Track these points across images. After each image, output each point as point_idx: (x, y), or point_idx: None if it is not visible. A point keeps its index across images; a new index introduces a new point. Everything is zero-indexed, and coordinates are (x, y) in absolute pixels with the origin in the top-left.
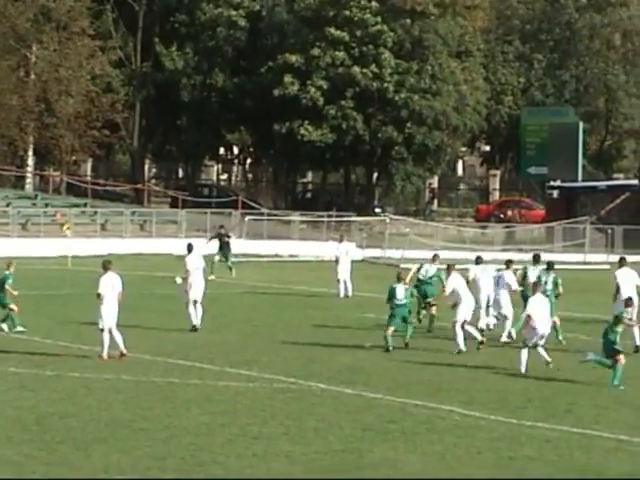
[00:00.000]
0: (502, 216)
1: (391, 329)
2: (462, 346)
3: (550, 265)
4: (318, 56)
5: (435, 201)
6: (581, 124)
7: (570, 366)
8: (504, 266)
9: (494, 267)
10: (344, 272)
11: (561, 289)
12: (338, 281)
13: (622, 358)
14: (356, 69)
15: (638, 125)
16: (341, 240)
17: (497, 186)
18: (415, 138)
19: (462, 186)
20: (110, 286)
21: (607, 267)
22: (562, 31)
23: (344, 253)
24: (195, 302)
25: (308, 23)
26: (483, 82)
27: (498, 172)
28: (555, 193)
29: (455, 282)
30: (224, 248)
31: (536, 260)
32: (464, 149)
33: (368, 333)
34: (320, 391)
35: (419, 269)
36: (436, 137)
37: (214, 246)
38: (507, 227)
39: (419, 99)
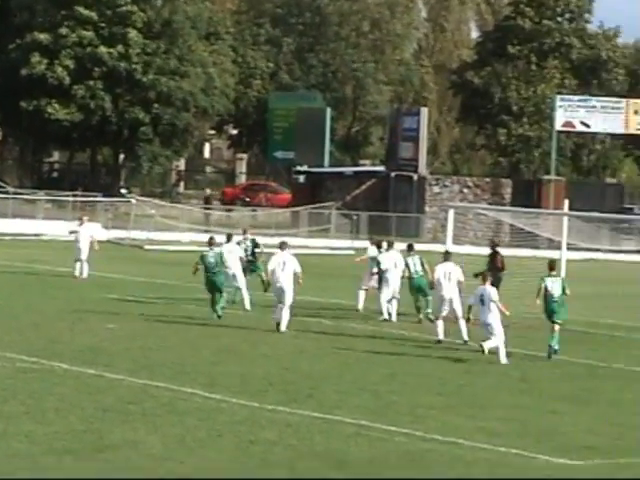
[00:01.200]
0: (248, 199)
1: (220, 305)
2: (284, 328)
3: (411, 247)
4: (66, 35)
5: (181, 183)
6: (329, 110)
7: (317, 351)
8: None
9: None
10: (85, 252)
11: (427, 267)
12: (77, 261)
13: None
14: (103, 49)
15: (385, 112)
16: (81, 222)
17: (244, 169)
18: (162, 119)
19: (209, 169)
20: None
21: (351, 252)
22: (312, 16)
23: (85, 234)
24: None
25: (57, 2)
26: (232, 65)
27: (245, 156)
28: (301, 178)
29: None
30: None
31: (410, 249)
32: (212, 132)
33: (111, 313)
34: (62, 371)
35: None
36: (184, 119)
37: None
38: (253, 210)
39: (167, 80)
